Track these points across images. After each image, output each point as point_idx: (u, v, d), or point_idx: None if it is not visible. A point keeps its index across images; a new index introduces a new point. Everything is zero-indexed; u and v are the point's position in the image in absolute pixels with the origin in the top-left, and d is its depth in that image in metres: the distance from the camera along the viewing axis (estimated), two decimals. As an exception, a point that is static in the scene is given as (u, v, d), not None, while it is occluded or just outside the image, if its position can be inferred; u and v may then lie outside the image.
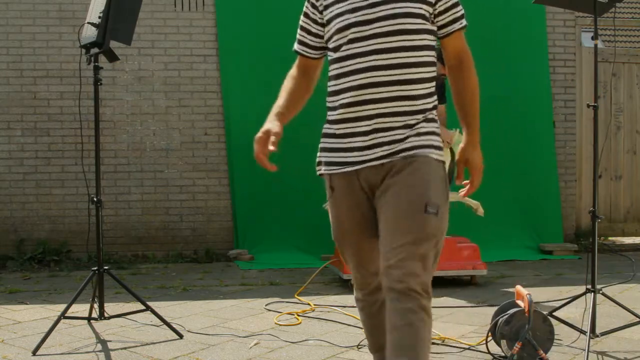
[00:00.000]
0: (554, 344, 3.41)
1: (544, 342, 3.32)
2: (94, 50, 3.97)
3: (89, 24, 3.97)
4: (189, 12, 7.10)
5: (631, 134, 7.89)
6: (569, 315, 4.23)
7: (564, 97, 7.61)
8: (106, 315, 4.07)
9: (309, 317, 4.43)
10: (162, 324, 4.04)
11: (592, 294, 3.70)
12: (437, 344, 3.75)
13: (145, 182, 7.04)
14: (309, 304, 4.76)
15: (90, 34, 3.96)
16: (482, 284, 5.52)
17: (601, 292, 3.77)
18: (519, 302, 3.43)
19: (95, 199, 4.03)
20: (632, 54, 8.00)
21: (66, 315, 3.85)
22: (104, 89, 6.72)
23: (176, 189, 7.07)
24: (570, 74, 7.60)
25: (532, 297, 3.31)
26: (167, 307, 4.78)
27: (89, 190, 4.21)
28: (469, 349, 3.65)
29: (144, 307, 4.08)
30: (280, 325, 4.23)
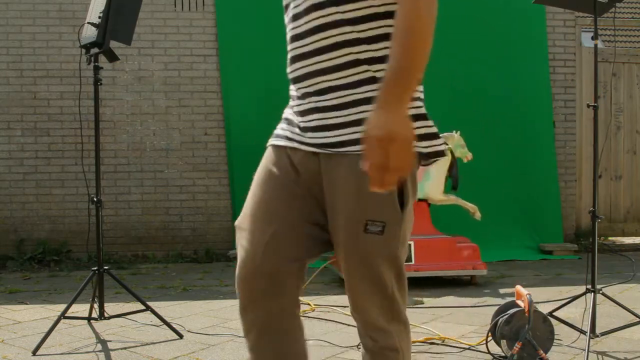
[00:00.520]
0: (554, 344, 3.41)
1: (544, 342, 3.32)
2: (94, 50, 3.97)
3: (89, 24, 3.97)
4: (189, 12, 7.10)
5: (631, 134, 7.89)
6: (569, 315, 4.23)
7: (564, 97, 7.61)
8: (106, 315, 4.07)
9: (309, 317, 4.43)
10: (162, 324, 4.03)
11: (592, 294, 3.70)
12: (437, 344, 3.75)
13: (145, 182, 7.04)
14: (309, 304, 4.76)
15: (90, 34, 3.96)
16: (482, 284, 5.52)
17: (601, 292, 3.77)
18: (519, 302, 3.43)
19: (95, 199, 4.03)
20: (632, 54, 8.00)
21: (66, 315, 3.85)
22: (104, 89, 6.72)
23: (176, 189, 7.07)
24: (570, 74, 7.60)
25: (532, 297, 3.31)
26: (167, 307, 4.78)
27: (89, 190, 4.22)
28: (469, 349, 3.65)
29: (144, 307, 4.08)
30: (280, 325, 4.23)
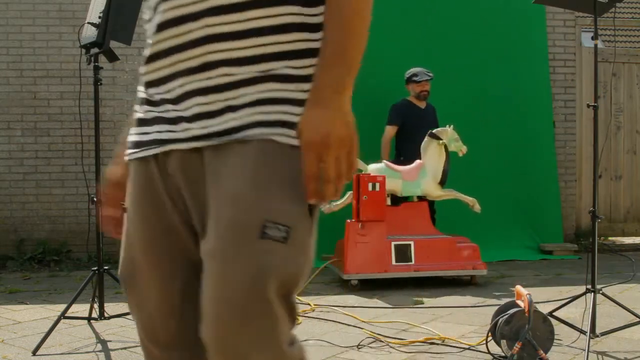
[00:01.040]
0: (554, 344, 3.41)
1: (544, 342, 3.32)
2: (94, 50, 3.97)
3: (89, 24, 3.97)
4: (189, 12, 7.10)
5: (631, 134, 7.88)
6: (569, 315, 4.23)
7: (564, 97, 7.61)
8: (106, 315, 4.07)
9: (309, 317, 4.43)
10: (162, 324, 4.03)
11: (592, 294, 3.70)
12: (437, 344, 3.75)
13: (145, 182, 7.04)
14: (309, 304, 4.76)
15: (90, 34, 3.96)
16: (482, 284, 5.52)
17: (601, 292, 3.77)
18: (519, 302, 3.43)
19: (95, 199, 4.04)
20: (632, 54, 8.00)
21: (66, 315, 3.85)
22: (104, 89, 6.71)
23: (176, 189, 7.07)
24: (570, 74, 7.60)
25: (532, 297, 3.31)
26: (167, 307, 4.77)
27: (89, 190, 4.22)
28: (469, 349, 3.65)
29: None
30: (280, 325, 4.22)
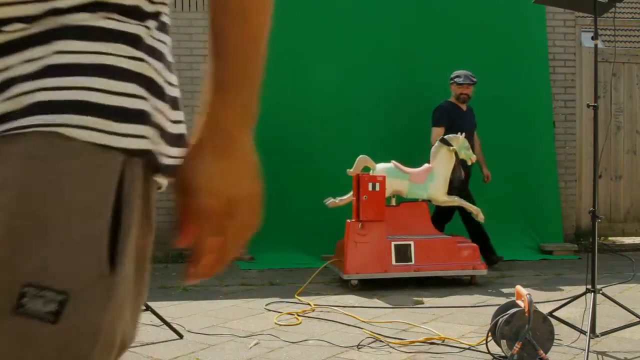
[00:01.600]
0: (554, 344, 3.41)
1: (544, 342, 3.32)
2: (94, 50, 3.96)
3: (89, 24, 3.97)
4: (189, 12, 7.10)
5: (631, 134, 7.88)
6: (569, 315, 4.23)
7: (564, 97, 7.61)
8: (106, 315, 4.07)
9: (309, 317, 4.43)
10: (162, 324, 4.04)
11: (592, 294, 3.70)
12: (437, 344, 3.75)
13: (145, 182, 7.03)
14: (309, 304, 4.76)
15: (90, 34, 3.96)
16: (482, 284, 5.52)
17: (601, 292, 3.77)
18: (519, 302, 3.43)
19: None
20: (632, 54, 8.00)
21: (66, 315, 3.85)
22: (104, 89, 6.71)
23: (176, 189, 7.06)
24: (570, 74, 7.59)
25: (532, 297, 3.31)
26: (167, 307, 4.77)
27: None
28: (469, 349, 3.65)
29: (144, 307, 4.08)
30: (280, 325, 4.23)
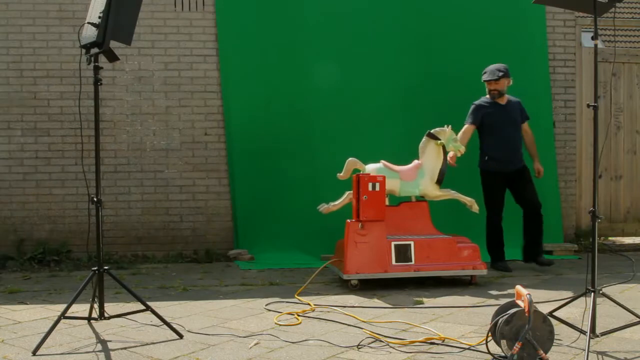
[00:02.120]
0: (554, 344, 3.41)
1: (544, 342, 3.32)
2: (94, 50, 3.97)
3: (89, 24, 3.97)
4: (189, 12, 7.09)
5: (631, 134, 7.88)
6: (569, 315, 4.23)
7: (564, 97, 7.61)
8: (106, 315, 4.07)
9: (309, 317, 4.43)
10: (162, 324, 4.04)
11: (592, 294, 3.70)
12: (437, 344, 3.75)
13: (145, 182, 7.04)
14: (309, 304, 4.76)
15: (90, 34, 3.96)
16: (482, 284, 5.52)
17: (601, 292, 3.77)
18: (519, 302, 3.43)
19: (95, 199, 4.04)
20: (632, 54, 8.00)
21: (66, 315, 3.85)
22: (104, 89, 6.71)
23: (176, 189, 7.07)
24: (570, 74, 7.60)
25: (532, 297, 3.31)
26: (167, 307, 4.78)
27: (89, 190, 4.22)
28: (469, 349, 3.65)
29: (144, 307, 4.08)
30: (280, 325, 4.23)
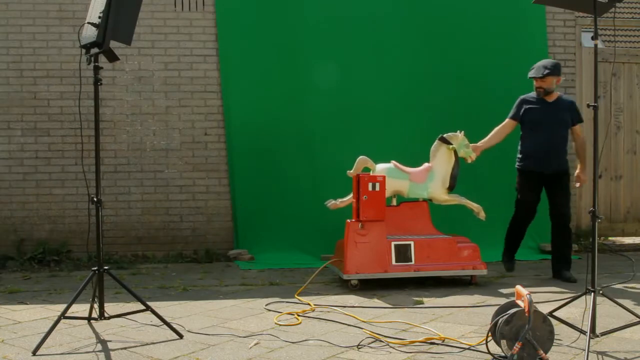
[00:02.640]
0: (554, 344, 3.41)
1: (544, 342, 3.32)
2: (94, 50, 3.97)
3: (89, 24, 3.97)
4: (189, 12, 7.09)
5: (631, 134, 7.88)
6: (569, 315, 4.23)
7: (564, 97, 7.59)
8: (106, 315, 4.07)
9: (309, 317, 4.43)
10: (162, 324, 4.04)
11: (592, 294, 3.70)
12: (437, 344, 3.75)
13: (145, 182, 7.04)
14: (309, 304, 4.76)
15: (90, 34, 3.96)
16: (482, 284, 5.52)
17: (601, 292, 3.77)
18: (519, 302, 3.43)
19: (95, 199, 4.04)
20: (632, 54, 7.99)
21: (66, 315, 3.85)
22: (104, 89, 6.71)
23: (176, 189, 7.07)
24: (570, 74, 7.59)
25: (532, 297, 3.31)
26: (167, 307, 4.78)
27: (89, 190, 4.21)
28: (469, 349, 3.65)
29: (144, 307, 4.08)
30: (280, 325, 4.23)
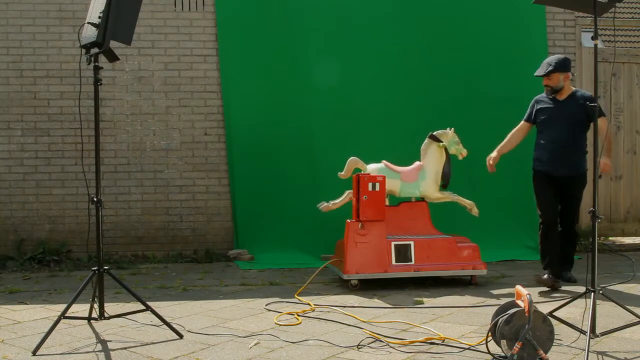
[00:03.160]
0: (554, 344, 3.41)
1: (544, 342, 3.32)
2: (94, 50, 3.97)
3: (89, 24, 3.97)
4: (189, 12, 7.09)
5: (631, 134, 7.88)
6: (569, 315, 4.23)
7: (564, 97, 7.59)
8: (106, 315, 4.07)
9: (309, 317, 4.43)
10: (162, 324, 4.04)
11: (592, 294, 3.70)
12: (437, 344, 3.75)
13: (145, 182, 7.04)
14: (309, 304, 4.76)
15: (90, 34, 3.96)
16: (482, 284, 5.52)
17: (601, 292, 3.77)
18: (519, 302, 3.43)
19: (95, 199, 4.04)
20: (632, 54, 8.00)
21: (66, 315, 3.85)
22: (104, 89, 6.72)
23: (176, 189, 7.07)
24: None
25: (532, 297, 3.31)
26: (167, 307, 4.78)
27: (89, 190, 4.22)
28: (469, 349, 3.65)
29: (144, 307, 4.08)
30: (280, 325, 4.23)
